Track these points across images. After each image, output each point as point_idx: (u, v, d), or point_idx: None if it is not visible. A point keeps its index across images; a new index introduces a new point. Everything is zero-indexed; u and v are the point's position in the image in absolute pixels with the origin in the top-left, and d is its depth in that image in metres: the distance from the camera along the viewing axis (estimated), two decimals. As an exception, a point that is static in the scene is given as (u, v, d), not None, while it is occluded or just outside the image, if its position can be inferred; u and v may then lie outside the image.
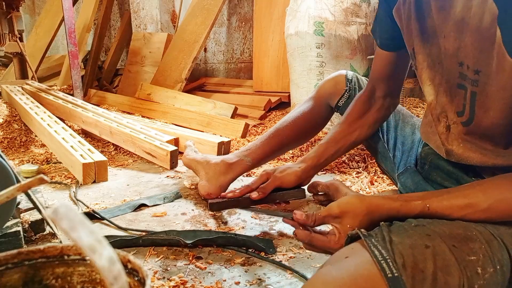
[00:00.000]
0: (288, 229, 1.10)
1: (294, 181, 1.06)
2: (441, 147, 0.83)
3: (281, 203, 1.10)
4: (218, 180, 1.29)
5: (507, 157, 0.72)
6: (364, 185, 1.45)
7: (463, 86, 0.72)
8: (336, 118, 2.13)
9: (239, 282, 0.87)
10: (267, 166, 1.71)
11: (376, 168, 1.56)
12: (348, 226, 0.71)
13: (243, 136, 2.11)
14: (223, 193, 1.13)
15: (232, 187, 1.39)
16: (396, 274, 0.57)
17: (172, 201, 1.34)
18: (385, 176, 1.49)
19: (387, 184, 1.44)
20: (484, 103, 0.69)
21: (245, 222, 1.17)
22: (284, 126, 1.26)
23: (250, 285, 0.86)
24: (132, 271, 0.46)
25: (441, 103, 0.79)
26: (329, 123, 1.35)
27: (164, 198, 1.34)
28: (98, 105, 2.51)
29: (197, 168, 1.36)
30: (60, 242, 1.04)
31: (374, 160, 1.57)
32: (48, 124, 1.90)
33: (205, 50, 3.62)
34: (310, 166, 1.07)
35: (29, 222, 1.05)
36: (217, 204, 1.10)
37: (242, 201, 1.09)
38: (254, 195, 1.05)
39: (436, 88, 0.80)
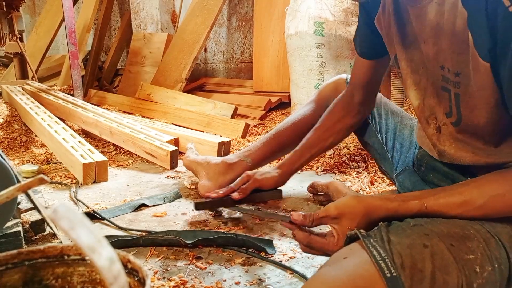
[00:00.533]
0: (289, 229, 1.10)
1: (271, 185, 1.18)
2: (433, 149, 0.84)
3: (259, 202, 1.25)
4: (218, 180, 1.30)
5: (498, 155, 0.73)
6: (364, 185, 1.45)
7: (446, 89, 0.73)
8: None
9: (239, 282, 0.87)
10: (268, 167, 1.71)
11: (376, 168, 1.56)
12: (347, 227, 0.71)
13: (243, 136, 2.11)
14: (207, 193, 1.18)
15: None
16: (394, 274, 0.57)
17: (172, 201, 1.34)
18: (385, 176, 1.49)
19: (387, 184, 1.44)
20: (469, 104, 0.70)
21: (245, 222, 1.17)
22: (285, 128, 1.28)
23: (250, 285, 0.86)
24: (132, 271, 0.47)
25: (429, 105, 0.80)
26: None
27: (164, 198, 1.34)
28: (98, 105, 2.51)
29: (198, 169, 1.36)
30: (60, 242, 1.04)
31: (374, 160, 1.58)
32: (49, 124, 1.91)
33: (205, 50, 3.62)
34: (286, 172, 1.19)
35: (29, 223, 1.05)
36: (202, 203, 1.17)
37: (225, 201, 1.16)
38: (236, 195, 1.13)
39: (422, 91, 0.81)
